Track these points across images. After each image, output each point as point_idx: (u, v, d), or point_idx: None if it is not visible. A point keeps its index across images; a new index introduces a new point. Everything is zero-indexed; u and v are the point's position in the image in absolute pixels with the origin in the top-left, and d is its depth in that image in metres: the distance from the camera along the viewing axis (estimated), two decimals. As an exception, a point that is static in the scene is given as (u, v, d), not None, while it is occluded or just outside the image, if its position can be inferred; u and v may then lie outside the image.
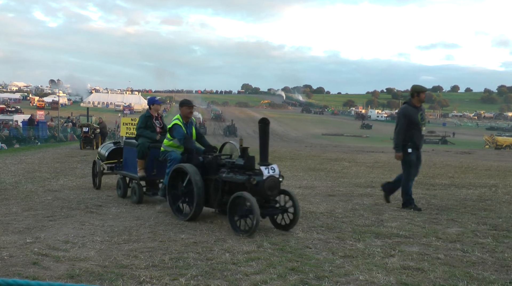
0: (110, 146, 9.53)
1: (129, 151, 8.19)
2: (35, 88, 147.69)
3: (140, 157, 7.57)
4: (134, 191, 7.67)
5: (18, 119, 37.96)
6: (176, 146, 6.84)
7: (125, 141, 8.65)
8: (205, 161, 6.23)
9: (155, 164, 7.57)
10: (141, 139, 7.66)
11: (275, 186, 5.63)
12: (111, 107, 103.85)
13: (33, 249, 4.68)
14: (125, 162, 8.40)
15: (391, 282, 3.89)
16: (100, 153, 9.47)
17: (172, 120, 6.87)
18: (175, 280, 3.84)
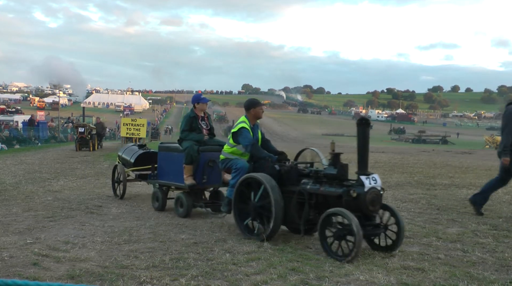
0: (134, 149, 8.35)
1: (165, 157, 7.07)
2: (35, 89, 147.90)
3: (189, 162, 6.46)
4: (180, 203, 6.54)
5: (18, 120, 38.01)
6: (240, 153, 5.82)
7: (160, 145, 7.31)
8: (282, 170, 5.27)
9: (205, 170, 6.52)
10: (188, 143, 6.57)
11: (377, 200, 4.72)
12: (112, 107, 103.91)
13: (33, 249, 4.68)
14: (160, 169, 7.17)
15: (392, 282, 3.89)
16: (122, 158, 8.35)
17: (238, 123, 5.91)
18: (176, 280, 3.84)
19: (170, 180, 6.91)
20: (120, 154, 8.53)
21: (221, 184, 6.54)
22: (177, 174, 6.70)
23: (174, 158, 6.81)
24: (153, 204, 7.13)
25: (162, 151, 7.18)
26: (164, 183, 7.05)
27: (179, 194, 6.63)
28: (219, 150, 6.23)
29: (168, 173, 6.95)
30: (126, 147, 8.75)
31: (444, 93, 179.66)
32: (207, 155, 6.51)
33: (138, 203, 7.79)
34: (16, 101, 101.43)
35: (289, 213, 5.08)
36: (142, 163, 7.97)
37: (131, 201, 7.98)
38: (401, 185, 10.31)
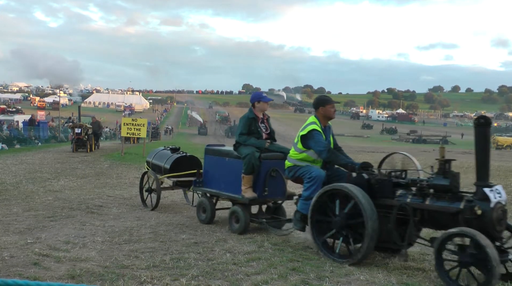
0: (167, 153, 7.38)
1: (215, 162, 6.09)
2: (36, 89, 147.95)
3: (249, 171, 5.49)
4: (236, 218, 5.61)
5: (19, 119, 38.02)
6: (312, 160, 5.05)
7: (208, 148, 6.31)
8: (372, 180, 4.46)
9: (267, 180, 5.58)
10: (248, 149, 5.61)
11: (503, 218, 3.96)
12: (112, 107, 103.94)
13: (34, 249, 4.68)
14: (208, 176, 6.19)
15: (392, 282, 3.89)
16: (153, 164, 7.46)
17: (307, 124, 5.09)
18: (176, 280, 3.84)
19: (221, 189, 5.94)
20: (150, 159, 7.61)
21: (285, 197, 5.68)
22: (230, 183, 5.76)
23: (227, 164, 5.86)
24: (198, 216, 6.16)
25: (211, 154, 6.17)
26: (213, 192, 6.08)
27: (235, 208, 5.66)
28: (282, 157, 5.50)
29: (218, 181, 5.98)
30: (156, 151, 7.72)
31: (444, 93, 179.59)
32: (269, 163, 5.57)
33: (139, 203, 7.79)
34: (17, 101, 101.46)
35: (383, 231, 4.27)
36: (178, 168, 7.06)
37: (132, 201, 7.98)
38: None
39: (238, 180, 5.62)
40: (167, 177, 7.15)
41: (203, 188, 6.23)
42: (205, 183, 6.22)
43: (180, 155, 7.21)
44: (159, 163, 7.31)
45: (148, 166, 7.66)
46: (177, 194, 8.78)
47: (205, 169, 6.27)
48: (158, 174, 7.19)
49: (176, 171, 7.03)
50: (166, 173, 7.11)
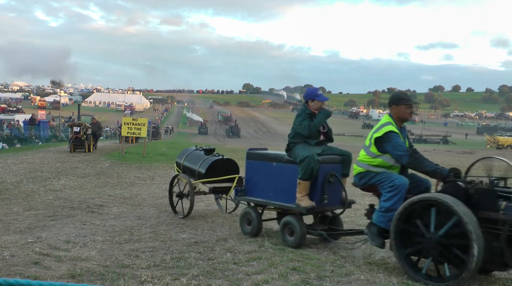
0: (200, 155, 6.71)
1: (260, 167, 5.45)
2: (37, 88, 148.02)
3: (308, 176, 4.84)
4: (290, 230, 4.95)
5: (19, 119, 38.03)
6: (388, 165, 4.46)
7: (251, 152, 5.66)
8: (471, 190, 3.88)
9: (326, 187, 4.99)
10: (306, 150, 4.95)
11: None
12: (113, 107, 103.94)
13: (34, 248, 4.68)
14: (252, 184, 5.54)
15: (392, 282, 3.89)
16: (185, 166, 6.77)
17: (381, 125, 4.50)
18: (177, 279, 3.84)
19: (268, 197, 5.30)
20: (181, 161, 6.87)
21: (346, 206, 5.15)
22: (280, 191, 5.16)
23: (276, 169, 5.25)
24: (242, 227, 5.50)
25: (254, 159, 5.54)
26: (259, 202, 5.42)
27: (289, 219, 5.01)
28: (340, 161, 5.12)
29: (265, 189, 5.35)
30: (187, 152, 6.95)
31: (445, 93, 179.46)
32: (326, 167, 4.98)
33: (139, 202, 7.79)
34: (17, 101, 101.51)
35: (488, 250, 3.71)
36: (214, 173, 6.38)
37: (132, 200, 7.99)
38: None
39: (290, 187, 5.02)
40: (202, 182, 6.35)
41: (247, 197, 5.55)
42: (249, 191, 5.56)
43: (216, 158, 6.49)
44: (192, 165, 6.60)
45: (179, 168, 6.90)
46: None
47: (248, 175, 5.60)
48: (191, 178, 6.48)
49: (211, 175, 6.32)
50: (201, 178, 6.38)
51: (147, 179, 10.91)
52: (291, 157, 5.08)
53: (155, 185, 9.94)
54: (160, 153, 18.52)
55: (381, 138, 4.41)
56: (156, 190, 9.27)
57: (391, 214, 4.16)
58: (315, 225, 5.20)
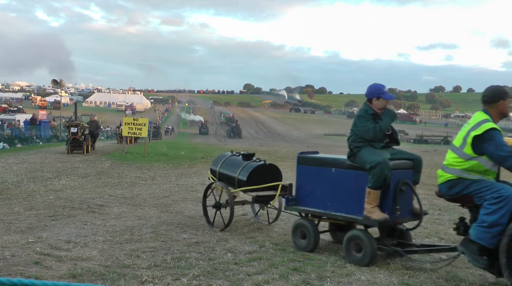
0: (239, 161, 6.08)
1: (315, 173, 4.93)
2: (37, 88, 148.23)
3: (380, 184, 4.30)
4: (357, 245, 4.40)
5: (20, 119, 38.06)
6: (484, 169, 3.93)
7: (303, 156, 5.12)
8: None
9: (397, 196, 4.43)
10: (375, 155, 4.42)
11: None
12: (113, 107, 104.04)
13: (35, 248, 4.69)
14: (305, 192, 5.01)
15: (393, 283, 3.89)
16: (221, 173, 6.14)
17: (479, 122, 3.92)
18: (177, 280, 3.84)
19: (326, 208, 4.77)
20: (216, 168, 6.24)
21: (421, 219, 4.57)
22: (342, 201, 4.65)
23: (335, 176, 4.74)
24: (296, 241, 4.93)
25: (308, 164, 5.02)
26: (316, 212, 4.88)
27: (356, 233, 4.47)
28: (411, 166, 4.62)
29: (321, 198, 4.83)
30: (223, 158, 6.31)
31: (446, 94, 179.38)
32: (397, 174, 4.44)
33: (140, 202, 7.79)
34: (18, 100, 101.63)
35: None
36: (256, 180, 5.77)
37: (133, 200, 7.99)
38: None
39: (353, 196, 4.54)
40: (243, 190, 5.73)
41: (301, 207, 5.00)
42: (302, 200, 5.01)
43: (258, 163, 5.89)
44: (230, 172, 5.98)
45: (214, 175, 6.27)
46: (178, 194, 8.78)
47: (300, 182, 5.06)
48: (230, 186, 5.89)
49: (253, 183, 5.73)
50: (241, 186, 5.77)
51: (148, 179, 10.91)
52: (356, 162, 4.53)
53: (156, 185, 9.94)
54: (161, 153, 18.52)
55: (480, 137, 3.80)
56: (157, 190, 9.27)
57: (496, 229, 3.62)
58: (383, 240, 4.54)
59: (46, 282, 1.20)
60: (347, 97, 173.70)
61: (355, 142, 4.61)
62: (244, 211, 6.98)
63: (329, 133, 67.15)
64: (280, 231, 5.69)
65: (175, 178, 11.28)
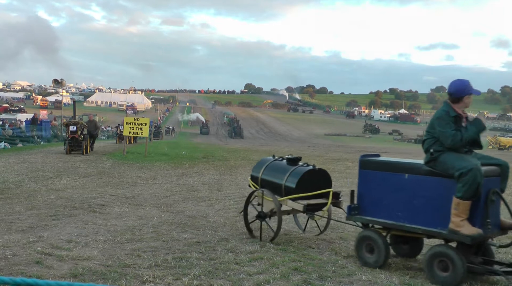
0: (283, 166, 5.58)
1: (378, 179, 4.47)
2: (38, 88, 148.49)
3: (472, 194, 3.83)
4: (444, 264, 3.94)
5: (21, 118, 38.10)
6: None
7: (368, 160, 4.67)
8: None
9: (488, 208, 3.97)
10: (464, 160, 3.95)
11: None
12: (114, 106, 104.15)
13: (36, 248, 4.69)
14: (368, 201, 4.54)
15: (394, 283, 3.89)
16: (264, 180, 5.60)
17: None
18: (178, 279, 3.84)
19: (398, 219, 4.26)
20: (258, 174, 5.69)
21: None
22: (420, 212, 4.12)
23: (409, 183, 4.23)
24: (361, 255, 4.42)
25: (373, 168, 4.54)
26: (387, 224, 4.36)
27: (444, 250, 3.97)
28: (499, 173, 4.14)
29: (392, 207, 4.32)
30: (265, 163, 5.79)
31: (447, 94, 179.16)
32: (486, 182, 3.95)
33: (141, 202, 7.80)
34: (19, 100, 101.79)
35: None
36: (305, 187, 5.24)
37: (134, 200, 7.99)
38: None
39: (433, 207, 4.06)
40: (292, 199, 5.18)
41: (367, 217, 4.50)
42: (366, 210, 4.53)
43: (307, 169, 5.34)
44: (276, 179, 5.44)
45: (255, 182, 5.74)
46: (179, 194, 8.78)
47: (363, 189, 4.59)
48: (276, 194, 5.35)
49: (303, 190, 5.21)
50: (290, 193, 5.23)
51: (149, 179, 10.91)
52: (437, 168, 4.05)
53: (157, 185, 9.94)
54: (162, 153, 18.53)
55: None
56: (158, 189, 9.27)
57: None
58: (471, 257, 4.04)
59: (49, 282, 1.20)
60: (348, 97, 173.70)
61: (434, 145, 4.11)
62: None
63: (330, 133, 67.14)
64: (281, 231, 5.68)
65: (176, 177, 11.29)
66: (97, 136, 22.77)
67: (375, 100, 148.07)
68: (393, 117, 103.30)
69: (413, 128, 76.58)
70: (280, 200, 5.28)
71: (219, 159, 16.53)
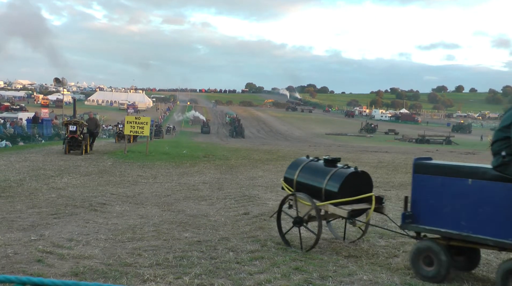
0: (320, 167, 5.16)
1: (436, 185, 4.13)
2: (40, 86, 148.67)
3: None
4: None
5: (22, 117, 38.14)
6: None
7: (422, 164, 4.29)
8: None
9: None
10: None
11: None
12: (115, 105, 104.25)
13: (37, 246, 4.70)
14: (425, 208, 4.17)
15: (395, 283, 3.88)
16: (300, 182, 5.18)
17: None
18: (179, 278, 3.84)
19: (463, 229, 3.91)
20: (293, 176, 5.27)
21: None
22: (490, 221, 3.77)
23: (475, 189, 3.87)
24: (417, 269, 4.08)
25: (430, 173, 4.19)
26: (449, 234, 4.00)
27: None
28: None
29: (455, 216, 3.96)
30: (300, 164, 5.36)
31: (448, 94, 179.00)
32: None
33: (142, 200, 7.80)
34: (20, 99, 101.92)
35: None
36: (347, 190, 4.84)
37: (135, 199, 8.00)
38: (404, 185, 10.29)
39: (506, 216, 3.68)
40: (335, 204, 4.77)
41: (424, 226, 4.15)
42: (422, 218, 4.16)
43: (350, 171, 4.95)
44: (314, 182, 5.03)
45: (290, 185, 5.31)
46: (180, 192, 8.78)
47: (418, 195, 4.23)
48: (315, 199, 4.93)
49: (346, 194, 4.80)
50: (331, 198, 4.81)
51: (150, 178, 10.92)
52: (509, 173, 3.68)
53: (158, 184, 9.95)
54: (163, 152, 18.53)
55: None
56: (159, 188, 9.28)
57: None
58: None
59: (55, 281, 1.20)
60: (349, 96, 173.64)
61: (509, 148, 3.71)
62: (246, 210, 6.98)
63: (331, 132, 67.12)
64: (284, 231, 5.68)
65: (177, 176, 11.29)
66: (98, 135, 22.00)
67: (376, 100, 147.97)
68: (394, 117, 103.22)
69: (414, 128, 76.53)
70: (320, 205, 4.86)
71: (220, 158, 16.54)
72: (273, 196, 8.47)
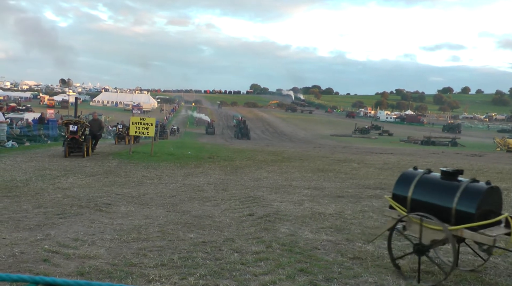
0: (439, 181, 4.27)
1: None
2: (46, 87, 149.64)
3: None
4: None
5: (28, 117, 38.38)
6: None
7: None
8: None
9: None
10: None
11: None
12: (120, 106, 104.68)
13: (43, 246, 4.72)
14: None
15: (401, 285, 3.86)
16: (416, 201, 4.25)
17: None
18: (184, 279, 3.84)
19: None
20: (406, 193, 4.32)
21: None
22: None
23: None
24: None
25: None
26: None
27: None
28: None
29: None
30: (413, 178, 4.38)
31: (454, 95, 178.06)
32: None
33: (147, 201, 7.82)
34: (27, 99, 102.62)
35: None
36: (484, 211, 3.99)
37: (140, 199, 8.02)
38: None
39: None
40: (473, 228, 3.89)
41: None
42: None
43: (485, 187, 4.04)
44: (439, 201, 4.11)
45: (402, 204, 4.37)
46: (185, 193, 8.79)
47: None
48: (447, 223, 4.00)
49: (482, 216, 3.95)
50: (465, 221, 3.91)
51: (155, 178, 10.94)
52: None
53: (163, 184, 9.97)
54: (168, 153, 18.57)
55: None
56: (164, 189, 9.29)
57: None
58: None
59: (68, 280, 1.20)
60: (354, 98, 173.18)
61: None
62: (251, 211, 6.98)
63: (335, 134, 66.97)
64: (287, 232, 5.67)
65: (182, 177, 11.31)
66: (101, 137, 20.37)
67: (381, 101, 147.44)
68: (400, 119, 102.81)
69: (420, 130, 76.18)
70: (452, 230, 3.93)
71: (224, 159, 16.54)
72: (277, 197, 8.45)
